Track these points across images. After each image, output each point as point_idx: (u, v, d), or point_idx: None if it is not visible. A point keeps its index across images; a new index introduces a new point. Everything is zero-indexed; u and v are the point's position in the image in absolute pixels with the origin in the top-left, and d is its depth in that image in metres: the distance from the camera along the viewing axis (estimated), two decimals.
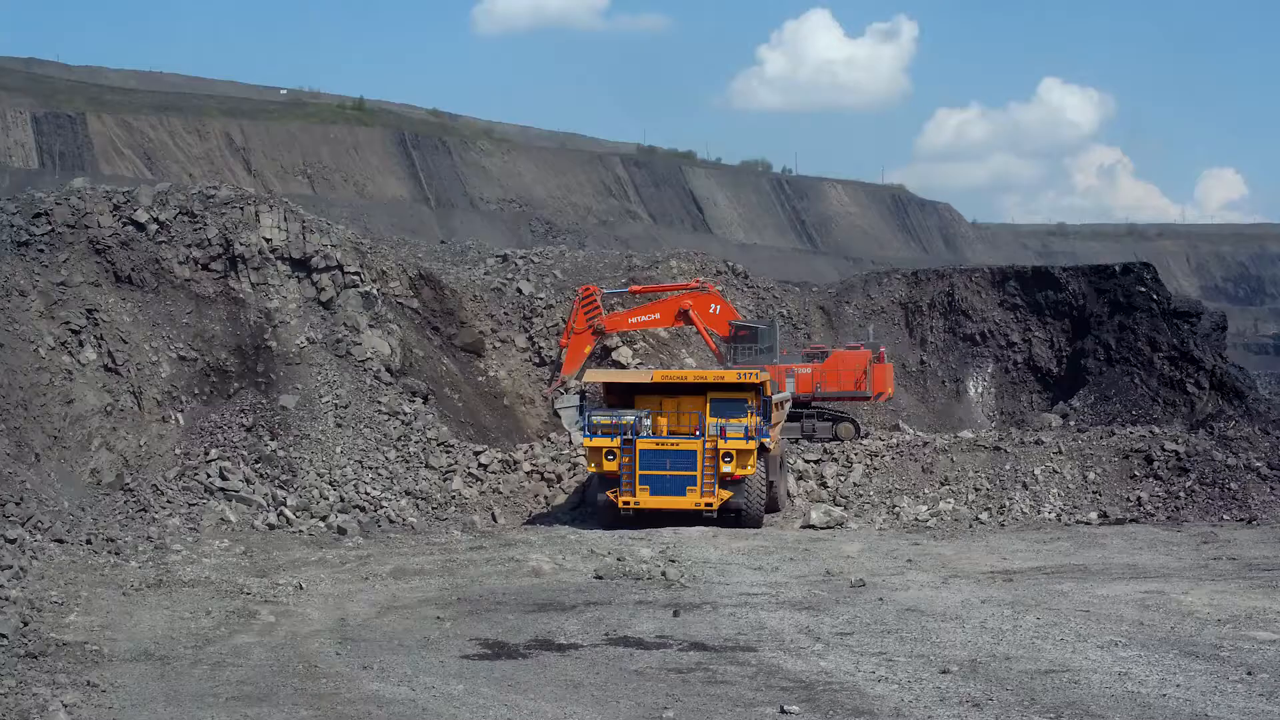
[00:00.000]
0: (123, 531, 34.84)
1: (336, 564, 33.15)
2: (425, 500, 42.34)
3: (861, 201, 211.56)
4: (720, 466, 39.79)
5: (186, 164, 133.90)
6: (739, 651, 22.12)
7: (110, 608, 25.79)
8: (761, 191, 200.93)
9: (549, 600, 27.24)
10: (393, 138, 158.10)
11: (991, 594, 27.79)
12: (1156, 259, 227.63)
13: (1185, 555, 34.33)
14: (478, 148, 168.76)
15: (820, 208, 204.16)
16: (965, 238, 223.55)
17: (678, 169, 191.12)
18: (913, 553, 35.31)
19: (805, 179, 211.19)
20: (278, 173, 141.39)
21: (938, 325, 64.19)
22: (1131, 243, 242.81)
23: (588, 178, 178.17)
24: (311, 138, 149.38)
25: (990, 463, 43.92)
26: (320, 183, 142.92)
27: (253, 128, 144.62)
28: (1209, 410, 52.65)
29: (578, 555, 33.98)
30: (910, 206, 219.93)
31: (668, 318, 51.51)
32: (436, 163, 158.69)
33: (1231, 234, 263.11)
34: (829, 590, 28.54)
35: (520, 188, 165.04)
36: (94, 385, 40.09)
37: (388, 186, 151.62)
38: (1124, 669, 20.40)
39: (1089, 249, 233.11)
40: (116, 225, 43.95)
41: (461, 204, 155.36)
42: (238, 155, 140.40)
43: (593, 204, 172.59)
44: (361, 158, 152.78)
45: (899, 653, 21.82)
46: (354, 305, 47.11)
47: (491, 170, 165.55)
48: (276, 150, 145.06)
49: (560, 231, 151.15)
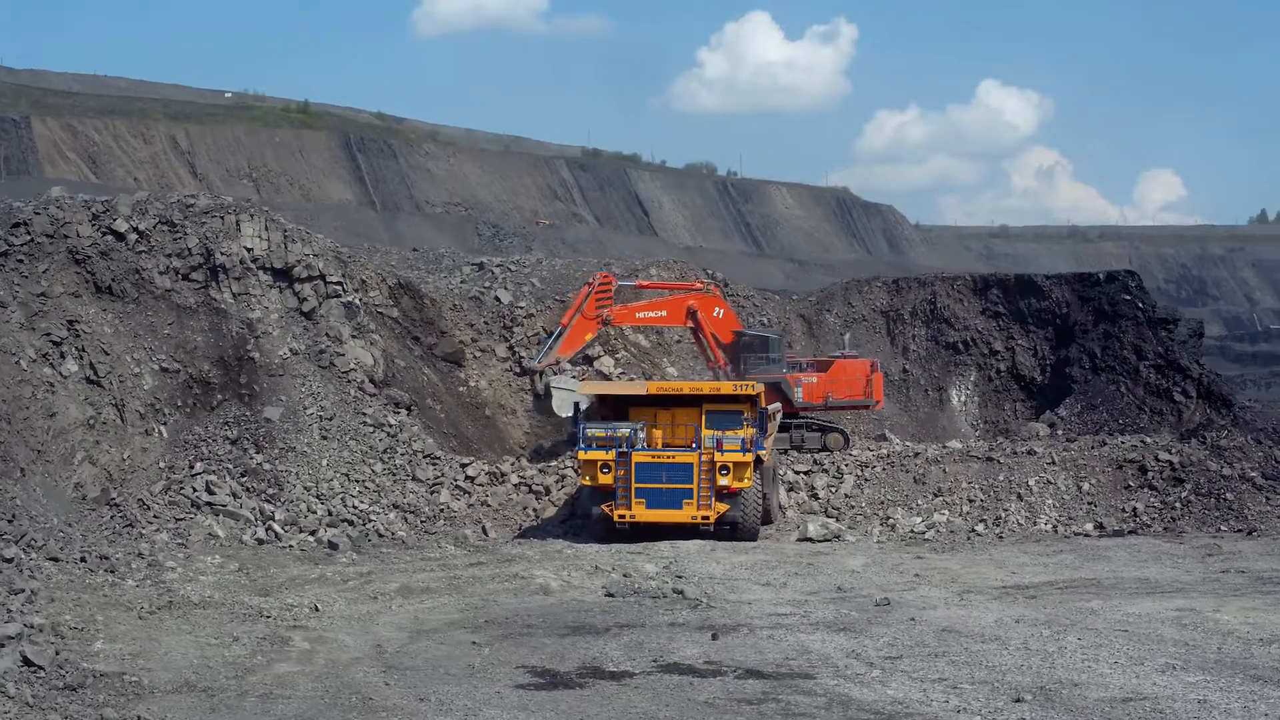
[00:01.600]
0: (112, 548, 34.08)
1: (339, 582, 32.59)
2: (414, 514, 41.79)
3: (806, 204, 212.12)
4: (717, 479, 39.36)
5: (131, 168, 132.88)
6: (798, 679, 21.69)
7: (132, 633, 25.14)
8: (706, 194, 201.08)
9: (579, 622, 26.74)
10: (338, 141, 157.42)
11: (1022, 612, 27.48)
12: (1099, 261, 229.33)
13: (1193, 568, 34.18)
14: (423, 151, 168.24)
15: (765, 210, 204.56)
16: (909, 240, 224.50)
17: (623, 172, 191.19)
18: (918, 567, 35.06)
19: (750, 181, 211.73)
20: (223, 176, 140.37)
21: (920, 333, 63.85)
22: (1073, 245, 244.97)
23: (533, 181, 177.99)
24: (256, 141, 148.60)
25: (983, 474, 43.66)
26: (265, 186, 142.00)
27: (197, 131, 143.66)
28: (1197, 419, 52.62)
29: (582, 571, 33.54)
30: (854, 209, 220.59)
31: (675, 316, 49.84)
32: (382, 166, 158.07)
33: (1173, 236, 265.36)
34: (856, 609, 28.19)
35: (466, 191, 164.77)
36: (76, 398, 39.30)
37: (333, 190, 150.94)
38: (1200, 696, 20.09)
39: (1031, 251, 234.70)
40: (96, 235, 43.17)
41: (407, 207, 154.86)
42: (183, 159, 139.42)
43: (538, 207, 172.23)
44: (307, 161, 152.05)
45: (959, 679, 21.44)
46: (336, 315, 46.47)
47: (437, 174, 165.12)
48: (221, 154, 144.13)
49: (507, 235, 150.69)
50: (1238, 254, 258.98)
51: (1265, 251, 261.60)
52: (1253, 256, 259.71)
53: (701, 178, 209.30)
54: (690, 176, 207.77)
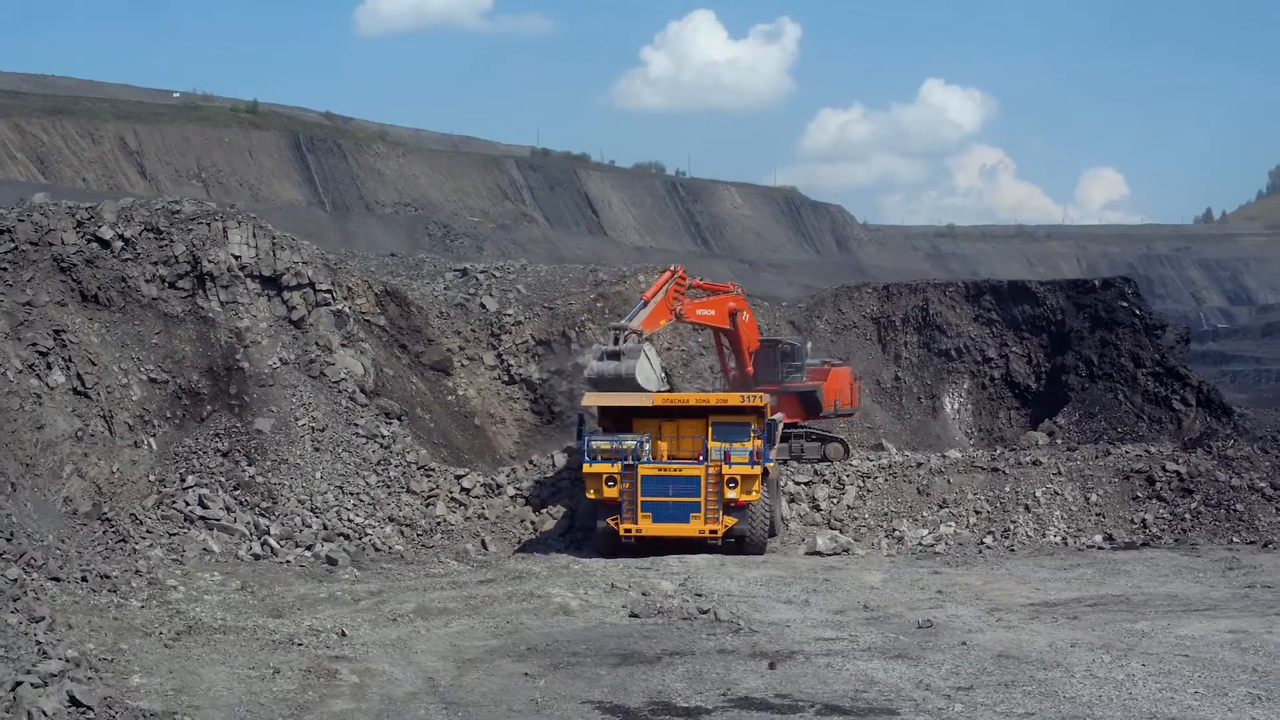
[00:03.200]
0: (108, 564, 33.10)
1: (350, 602, 31.66)
2: (410, 527, 41.05)
3: (754, 204, 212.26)
4: (725, 492, 38.69)
5: (80, 168, 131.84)
6: (881, 714, 20.92)
7: (164, 664, 24.16)
8: (656, 194, 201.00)
9: (624, 649, 25.84)
10: (287, 141, 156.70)
11: (1070, 635, 26.79)
12: (1046, 260, 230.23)
13: (1216, 583, 33.70)
14: (372, 151, 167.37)
15: (714, 210, 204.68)
16: (857, 239, 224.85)
17: (572, 172, 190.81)
18: (938, 583, 34.40)
19: (699, 181, 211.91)
20: (172, 177, 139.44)
21: (912, 341, 63.28)
22: (1021, 244, 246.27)
23: (483, 181, 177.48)
24: (205, 141, 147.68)
25: (988, 484, 43.08)
26: (215, 186, 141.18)
27: (146, 131, 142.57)
28: (1197, 427, 52.24)
29: (598, 589, 32.67)
30: (803, 208, 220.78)
31: (721, 316, 47.58)
32: (331, 166, 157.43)
33: (1119, 234, 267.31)
34: (899, 631, 27.46)
35: (416, 191, 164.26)
36: (63, 409, 38.30)
37: (283, 190, 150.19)
38: None
39: (979, 250, 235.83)
40: (80, 242, 42.20)
41: (357, 208, 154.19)
42: (131, 159, 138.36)
43: (488, 207, 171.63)
44: (256, 161, 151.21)
45: (1047, 713, 20.73)
46: (326, 324, 45.58)
47: (386, 174, 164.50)
48: (170, 154, 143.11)
49: (458, 235, 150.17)
50: (1184, 253, 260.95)
51: (1211, 251, 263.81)
52: (1198, 256, 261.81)
53: (650, 177, 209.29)
54: (639, 176, 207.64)
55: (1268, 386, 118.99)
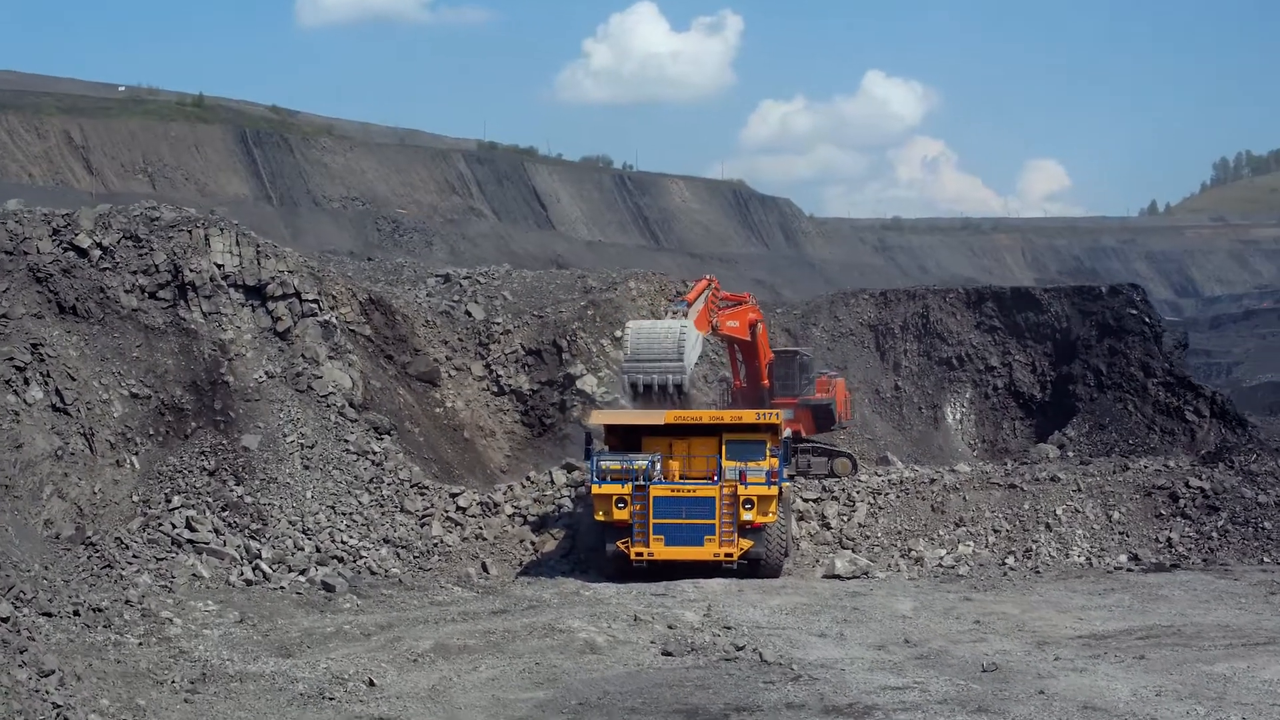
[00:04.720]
0: (95, 594, 31.23)
1: (360, 637, 29.86)
2: (406, 549, 39.41)
3: (703, 197, 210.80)
4: (740, 514, 37.09)
5: (26, 163, 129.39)
6: None
7: None
8: (604, 188, 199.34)
9: (683, 703, 23.93)
10: (233, 135, 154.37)
11: (1151, 681, 25.08)
12: (992, 253, 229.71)
13: (1263, 610, 32.41)
14: (319, 145, 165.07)
15: (662, 204, 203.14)
16: (805, 233, 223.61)
17: (520, 165, 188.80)
18: (972, 611, 32.85)
19: (647, 175, 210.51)
20: (118, 171, 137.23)
21: (911, 348, 61.70)
22: (967, 236, 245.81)
23: (430, 175, 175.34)
24: (151, 136, 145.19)
25: (1006, 501, 41.55)
26: (161, 181, 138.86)
27: (92, 126, 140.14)
28: (1212, 439, 50.88)
29: (621, 622, 30.91)
30: (751, 202, 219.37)
31: (743, 328, 45.71)
32: (278, 160, 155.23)
33: (1065, 227, 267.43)
34: (965, 676, 25.72)
35: (363, 185, 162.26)
36: (42, 427, 36.48)
37: (230, 185, 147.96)
38: None
39: (926, 243, 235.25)
40: (57, 251, 40.49)
41: (305, 202, 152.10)
42: (77, 154, 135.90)
43: (436, 201, 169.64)
44: (203, 155, 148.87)
45: None
46: (312, 335, 43.80)
47: (334, 168, 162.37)
48: (116, 149, 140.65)
49: (407, 230, 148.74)
50: (1130, 246, 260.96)
51: (1156, 243, 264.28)
52: (1144, 248, 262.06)
53: (598, 171, 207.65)
54: (587, 170, 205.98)
55: (1221, 380, 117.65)
